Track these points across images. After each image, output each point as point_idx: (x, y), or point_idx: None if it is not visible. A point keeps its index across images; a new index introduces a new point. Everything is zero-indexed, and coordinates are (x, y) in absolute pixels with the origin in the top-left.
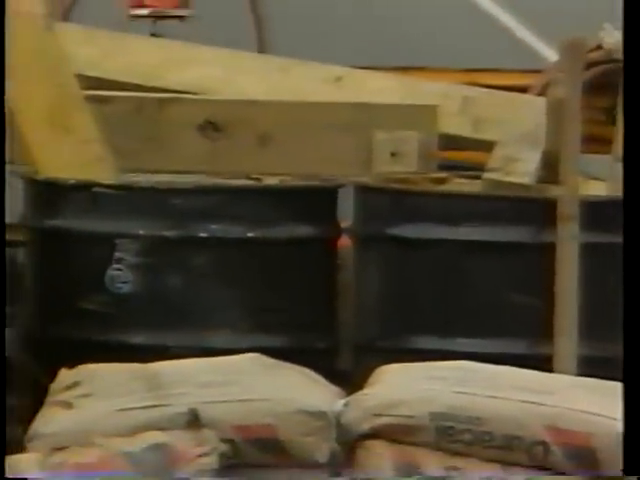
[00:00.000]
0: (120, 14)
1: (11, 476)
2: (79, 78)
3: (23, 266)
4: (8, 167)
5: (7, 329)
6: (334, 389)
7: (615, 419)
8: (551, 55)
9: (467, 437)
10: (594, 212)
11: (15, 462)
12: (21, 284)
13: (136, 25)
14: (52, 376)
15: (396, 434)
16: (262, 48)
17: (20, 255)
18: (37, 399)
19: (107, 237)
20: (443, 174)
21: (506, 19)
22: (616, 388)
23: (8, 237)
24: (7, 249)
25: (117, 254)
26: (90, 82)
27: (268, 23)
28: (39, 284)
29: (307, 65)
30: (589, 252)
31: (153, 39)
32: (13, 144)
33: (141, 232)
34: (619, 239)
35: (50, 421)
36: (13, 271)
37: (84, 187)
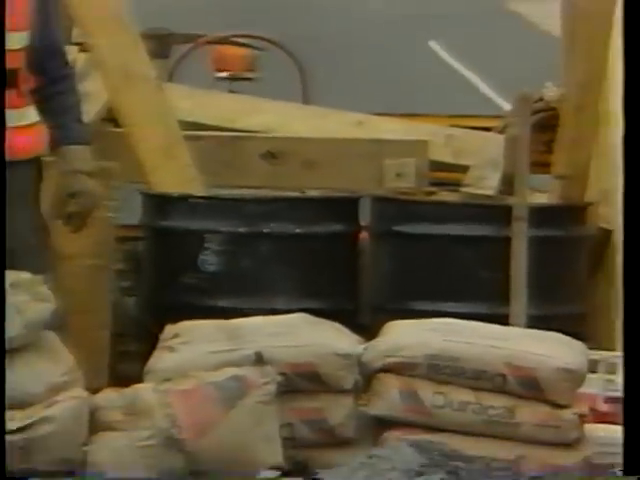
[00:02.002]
0: (208, 76)
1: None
2: (180, 122)
3: (142, 253)
4: (132, 185)
5: (130, 297)
6: (357, 338)
7: (552, 357)
8: (507, 105)
9: (448, 371)
10: (538, 215)
11: (135, 389)
12: (140, 266)
13: (219, 83)
14: (161, 329)
15: (400, 369)
16: (305, 100)
17: (140, 246)
18: (151, 346)
19: (199, 233)
20: (433, 188)
21: (477, 81)
22: (552, 337)
23: (132, 234)
24: (132, 242)
25: (206, 244)
26: (188, 125)
27: (310, 81)
28: (153, 266)
29: (337, 112)
30: (534, 242)
31: (230, 94)
32: (135, 168)
33: (222, 229)
34: (555, 233)
35: (159, 361)
36: (135, 257)
37: (184, 198)
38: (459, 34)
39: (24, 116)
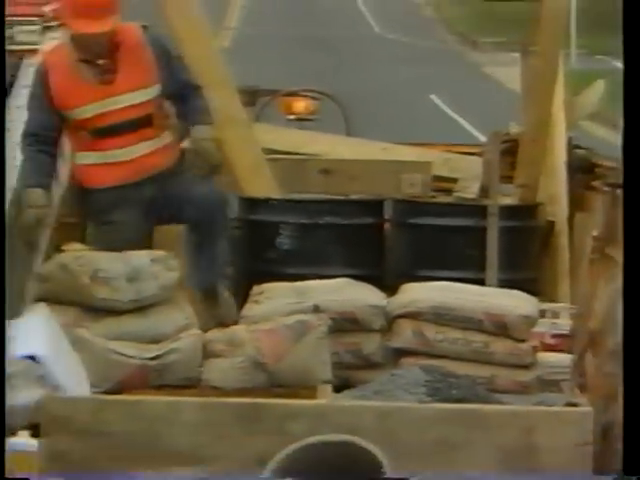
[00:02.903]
0: (282, 118)
1: (11, 476)
2: (264, 149)
3: (238, 237)
4: (230, 192)
5: (228, 267)
6: (383, 295)
7: (516, 307)
8: (484, 138)
9: (446, 317)
10: (505, 211)
11: (233, 329)
12: (236, 247)
13: (289, 123)
14: (250, 289)
15: (412, 316)
16: (348, 133)
17: (236, 233)
18: (243, 300)
19: (277, 224)
20: (434, 194)
21: (463, 122)
22: (515, 293)
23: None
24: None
25: (281, 231)
26: (269, 151)
27: (350, 121)
28: (246, 246)
29: (369, 142)
30: (502, 230)
31: (298, 130)
32: (233, 181)
33: (292, 221)
34: (517, 224)
35: (249, 310)
36: (233, 241)
37: (266, 200)
38: (450, 90)
39: (156, 142)
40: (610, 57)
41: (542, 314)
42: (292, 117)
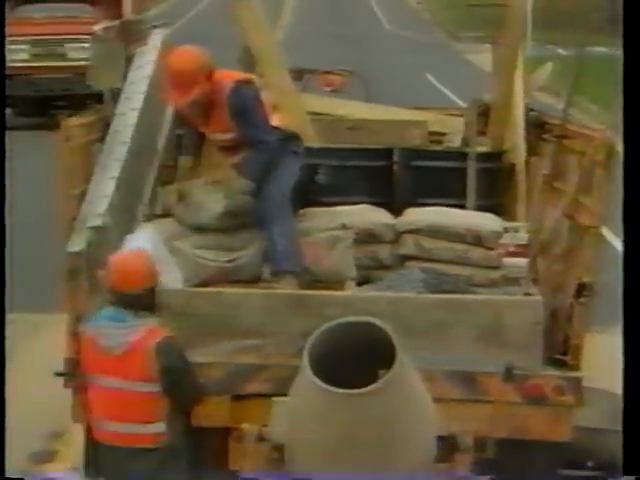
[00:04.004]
0: (321, 90)
1: (11, 476)
2: (308, 112)
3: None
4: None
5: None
6: (392, 216)
7: (487, 225)
8: (465, 104)
9: (438, 233)
10: (480, 156)
11: None
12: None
13: (326, 93)
14: (297, 212)
15: (414, 232)
16: (367, 100)
17: None
18: None
19: (316, 165)
20: (430, 144)
21: (449, 93)
22: (487, 215)
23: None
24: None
25: (319, 171)
26: (312, 114)
27: (369, 92)
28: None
29: (383, 106)
30: (478, 170)
31: (332, 98)
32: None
33: (327, 163)
34: (488, 166)
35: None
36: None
37: (310, 148)
38: (441, 70)
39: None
40: (555, 46)
41: (506, 230)
42: (328, 89)
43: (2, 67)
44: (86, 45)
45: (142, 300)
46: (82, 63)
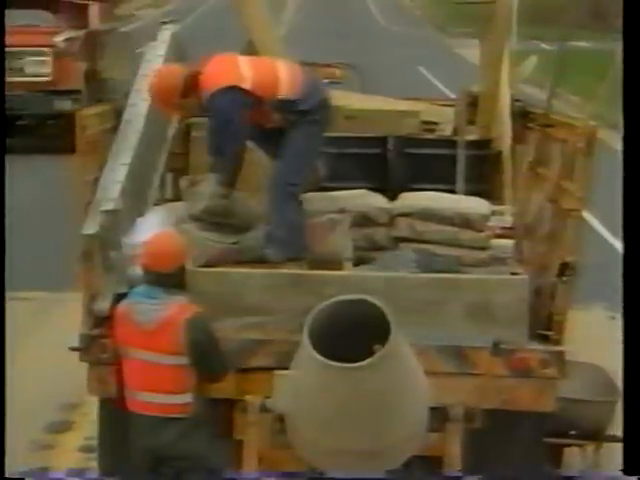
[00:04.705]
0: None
1: (11, 476)
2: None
3: None
4: None
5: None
6: (387, 200)
7: (476, 208)
8: (455, 95)
9: (430, 216)
10: (470, 144)
11: None
12: None
13: (326, 84)
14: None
15: (407, 215)
16: (363, 92)
17: None
18: None
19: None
20: (422, 132)
21: (439, 84)
22: (476, 199)
23: None
24: None
25: (320, 161)
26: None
27: (365, 84)
28: None
29: (378, 97)
30: (468, 157)
31: (340, 91)
32: None
33: (327, 151)
34: (477, 153)
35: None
36: None
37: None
38: (432, 64)
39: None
40: (539, 41)
41: (493, 213)
42: (327, 81)
43: (1, 79)
44: (45, 59)
45: (173, 278)
46: (41, 79)
